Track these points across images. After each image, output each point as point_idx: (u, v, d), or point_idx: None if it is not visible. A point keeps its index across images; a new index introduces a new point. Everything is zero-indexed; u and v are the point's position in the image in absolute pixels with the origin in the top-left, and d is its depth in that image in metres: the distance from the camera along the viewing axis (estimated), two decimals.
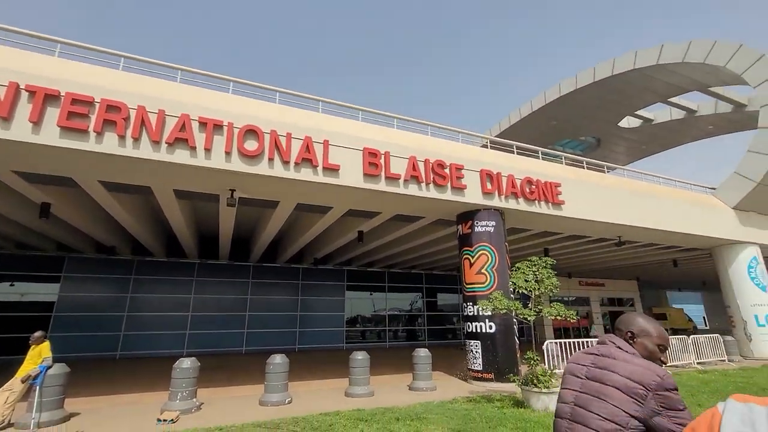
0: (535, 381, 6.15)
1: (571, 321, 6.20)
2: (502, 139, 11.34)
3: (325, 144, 7.33)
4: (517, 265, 7.01)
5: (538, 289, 6.58)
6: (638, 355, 1.43)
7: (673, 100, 20.63)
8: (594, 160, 12.21)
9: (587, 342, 10.11)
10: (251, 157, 6.71)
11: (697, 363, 11.24)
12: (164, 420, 5.29)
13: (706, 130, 23.89)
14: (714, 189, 14.55)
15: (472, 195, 8.67)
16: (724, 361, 11.92)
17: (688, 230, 12.24)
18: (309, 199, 8.43)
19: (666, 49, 16.16)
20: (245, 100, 7.38)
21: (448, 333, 20.35)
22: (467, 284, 9.01)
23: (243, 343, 15.95)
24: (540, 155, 10.88)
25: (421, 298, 20.07)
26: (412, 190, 8.03)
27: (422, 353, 8.08)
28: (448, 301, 20.94)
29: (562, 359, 9.59)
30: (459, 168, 8.58)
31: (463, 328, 9.13)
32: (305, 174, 7.09)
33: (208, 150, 6.40)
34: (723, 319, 20.23)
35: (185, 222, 10.31)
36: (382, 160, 7.79)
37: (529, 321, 6.65)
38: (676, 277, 26.89)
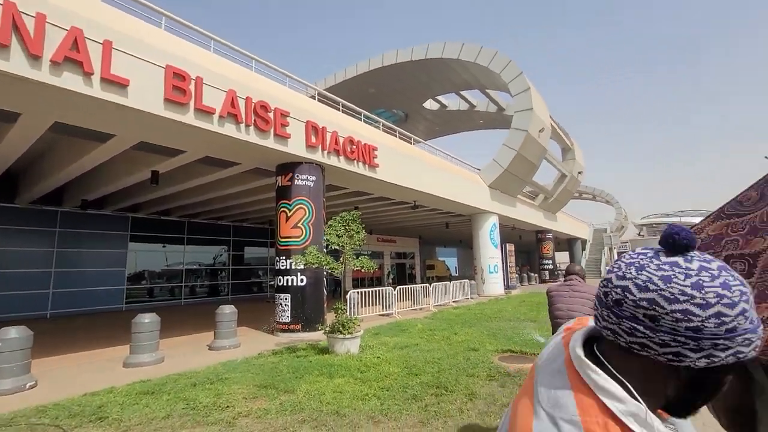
0: (340, 328, 6.61)
1: (373, 272, 6.92)
2: (331, 95, 11.16)
3: (107, 46, 5.41)
4: (330, 223, 7.18)
5: (349, 243, 6.96)
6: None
7: (464, 93, 25.09)
8: (404, 131, 13.63)
9: (383, 290, 11.64)
10: None
11: (453, 301, 14.71)
12: None
13: (479, 123, 30.34)
14: (479, 170, 18.76)
15: (296, 146, 8.28)
16: (468, 298, 16.03)
17: (463, 200, 15.46)
18: (78, 120, 6.19)
19: (465, 47, 19.19)
20: None
21: (254, 287, 19.81)
22: (282, 238, 8.75)
23: None
24: (363, 118, 11.31)
25: (226, 251, 18.60)
26: (229, 129, 6.98)
27: (227, 310, 7.50)
28: (256, 255, 20.21)
29: (362, 305, 10.77)
30: (285, 115, 7.96)
31: (274, 282, 8.94)
32: (70, 81, 5.09)
33: None
34: (469, 268, 27.17)
35: None
36: (191, 87, 6.39)
37: (338, 274, 7.02)
38: (444, 236, 34.09)
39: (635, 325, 0.54)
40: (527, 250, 42.92)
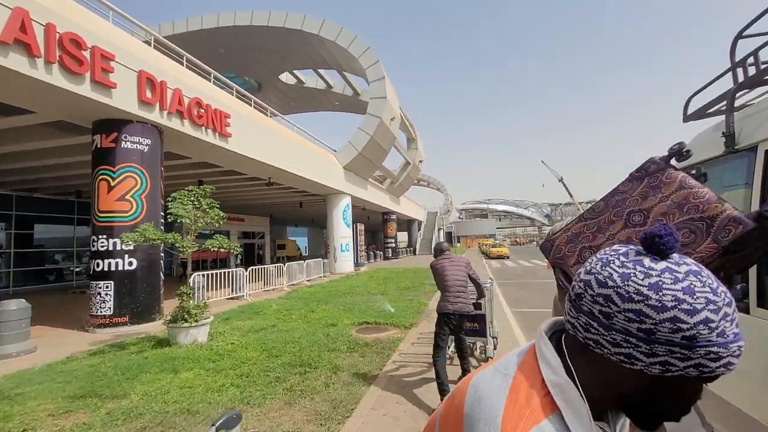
0: (185, 316, 5.82)
1: (234, 251, 6.25)
2: (174, 46, 9.29)
3: None
4: (173, 195, 6.17)
5: (203, 219, 6.15)
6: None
7: (322, 72, 24.73)
8: (261, 102, 12.62)
9: (231, 272, 10.74)
10: None
11: (307, 280, 14.74)
12: None
13: (335, 105, 30.58)
14: (336, 151, 19.00)
15: (124, 100, 6.69)
16: (321, 277, 16.31)
17: (320, 180, 15.40)
18: None
19: (326, 24, 18.80)
20: None
21: (51, 275, 15.44)
22: (102, 212, 7.03)
23: None
24: (212, 79, 9.94)
25: (4, 229, 13.82)
26: (17, 63, 5.13)
27: (12, 305, 5.70)
28: (54, 234, 15.72)
29: (209, 289, 9.69)
30: (108, 57, 6.30)
31: (89, 267, 7.18)
32: None
33: None
34: (320, 248, 27.38)
35: None
36: None
37: (185, 254, 6.13)
38: (297, 215, 33.59)
39: (591, 321, 0.53)
40: (374, 230, 46.23)
